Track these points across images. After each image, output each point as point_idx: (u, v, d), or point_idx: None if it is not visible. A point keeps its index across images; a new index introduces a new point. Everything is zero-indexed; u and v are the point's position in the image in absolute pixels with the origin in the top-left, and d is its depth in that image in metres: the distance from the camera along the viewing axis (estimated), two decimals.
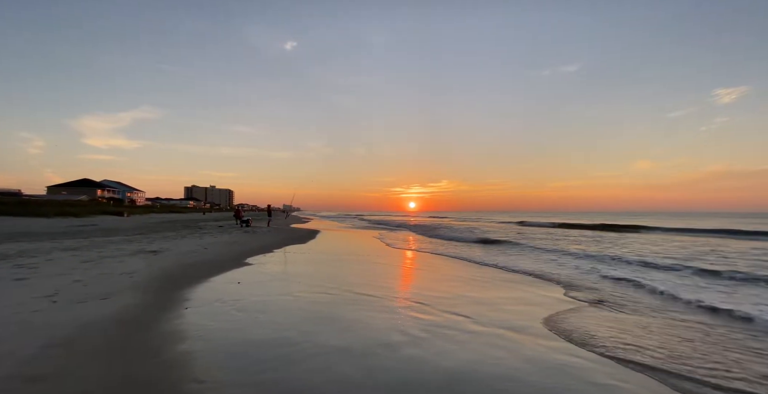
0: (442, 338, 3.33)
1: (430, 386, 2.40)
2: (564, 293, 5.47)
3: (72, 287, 4.83)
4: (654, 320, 4.11)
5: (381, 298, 4.86)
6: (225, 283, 5.61)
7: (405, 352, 2.96)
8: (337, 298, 4.82)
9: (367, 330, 3.50)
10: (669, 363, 2.83)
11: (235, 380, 2.40)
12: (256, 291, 5.10)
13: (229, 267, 7.04)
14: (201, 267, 6.90)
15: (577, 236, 17.57)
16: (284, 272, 6.95)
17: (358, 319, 3.88)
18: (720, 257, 9.40)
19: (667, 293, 5.32)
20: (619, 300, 5.01)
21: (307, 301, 4.64)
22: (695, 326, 3.87)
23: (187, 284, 5.38)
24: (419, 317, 3.98)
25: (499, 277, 6.81)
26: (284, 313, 4.06)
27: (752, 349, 3.21)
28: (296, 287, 5.47)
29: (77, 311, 3.82)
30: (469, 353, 2.98)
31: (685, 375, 2.63)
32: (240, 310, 4.10)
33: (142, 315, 3.79)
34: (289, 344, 3.07)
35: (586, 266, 7.97)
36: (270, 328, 3.50)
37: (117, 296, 4.48)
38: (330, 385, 2.37)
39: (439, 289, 5.61)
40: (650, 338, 3.43)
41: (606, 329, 3.71)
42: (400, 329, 3.56)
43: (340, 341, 3.18)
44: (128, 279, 5.46)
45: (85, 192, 59.31)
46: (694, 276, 6.85)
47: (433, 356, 2.89)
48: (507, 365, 2.75)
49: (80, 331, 3.22)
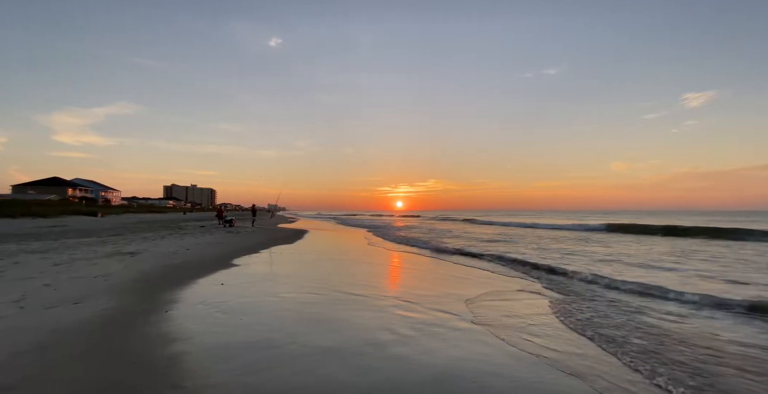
0: (430, 336, 3.37)
1: (418, 384, 2.43)
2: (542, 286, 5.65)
3: (41, 291, 4.58)
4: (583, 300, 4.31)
5: (368, 297, 4.87)
6: (208, 285, 5.46)
7: (393, 350, 2.98)
8: (325, 298, 4.79)
9: (355, 330, 3.50)
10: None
11: (218, 384, 2.34)
12: (241, 293, 4.99)
13: (212, 268, 6.85)
14: (182, 269, 6.68)
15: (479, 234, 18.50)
16: (270, 273, 6.83)
17: (346, 318, 3.87)
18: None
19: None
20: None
21: (294, 302, 4.58)
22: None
23: (167, 287, 5.20)
24: (407, 316, 4.02)
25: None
26: (270, 314, 3.99)
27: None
28: (283, 287, 5.40)
29: (48, 316, 3.62)
30: (456, 350, 3.04)
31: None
32: (224, 312, 4.00)
33: (119, 320, 3.63)
34: (275, 345, 3.03)
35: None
36: (255, 330, 3.44)
37: (91, 300, 4.28)
38: (318, 386, 2.35)
39: (425, 287, 5.68)
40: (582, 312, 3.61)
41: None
42: (388, 327, 3.58)
43: (327, 341, 3.16)
44: (103, 282, 5.22)
45: (54, 191, 56.10)
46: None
47: (420, 354, 2.92)
48: (493, 362, 2.82)
49: (52, 337, 3.06)
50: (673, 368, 2.73)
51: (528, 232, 20.36)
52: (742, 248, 11.46)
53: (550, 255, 9.65)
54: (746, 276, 6.56)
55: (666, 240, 14.88)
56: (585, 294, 5.31)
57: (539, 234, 18.48)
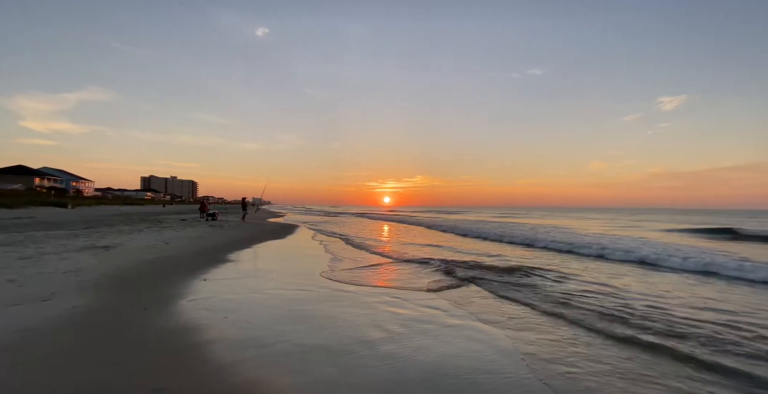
0: (421, 332, 3.35)
1: (410, 382, 2.39)
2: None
3: (5, 287, 4.25)
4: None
5: (357, 293, 4.81)
6: (190, 280, 5.23)
7: (384, 348, 2.93)
8: (313, 294, 4.69)
9: (344, 327, 3.43)
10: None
11: (202, 384, 2.22)
12: (225, 289, 4.81)
13: (194, 263, 6.59)
14: (162, 264, 6.39)
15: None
16: (256, 269, 6.64)
17: (335, 315, 3.80)
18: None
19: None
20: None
21: (281, 298, 4.46)
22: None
23: (145, 283, 4.95)
24: (397, 312, 3.98)
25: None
26: (257, 312, 3.86)
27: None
28: (269, 283, 5.25)
29: (12, 314, 3.36)
30: (447, 346, 3.02)
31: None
32: (208, 309, 3.84)
33: (92, 318, 3.41)
34: (263, 344, 2.92)
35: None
36: (242, 328, 3.31)
37: (61, 296, 4.01)
38: (308, 386, 2.28)
39: (415, 281, 5.66)
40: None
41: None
42: (377, 324, 3.53)
43: (317, 339, 3.08)
44: (74, 278, 4.91)
45: (19, 180, 52.55)
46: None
47: (411, 352, 2.89)
48: (484, 358, 2.82)
49: (18, 337, 2.84)
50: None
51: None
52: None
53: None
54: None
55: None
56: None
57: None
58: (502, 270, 6.58)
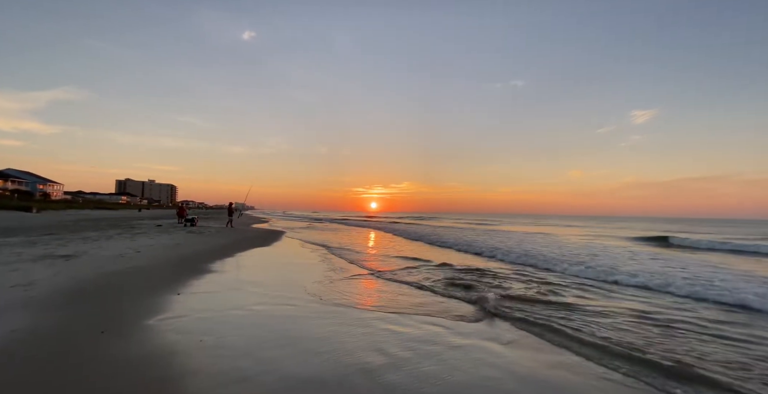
0: (425, 356, 2.97)
1: None
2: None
3: None
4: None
5: (350, 308, 4.38)
6: (161, 295, 4.65)
7: (386, 378, 2.54)
8: (301, 310, 4.23)
9: (338, 352, 3.00)
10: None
11: None
12: (201, 305, 4.27)
13: (167, 275, 5.96)
14: (130, 275, 5.74)
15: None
16: (237, 280, 6.07)
17: (327, 337, 3.36)
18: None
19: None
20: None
21: (265, 315, 3.98)
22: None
23: (107, 298, 4.34)
24: (396, 331, 3.59)
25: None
26: (237, 333, 3.37)
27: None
28: (252, 298, 4.73)
29: None
30: (456, 373, 2.66)
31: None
32: (179, 332, 3.32)
33: (32, 345, 2.84)
34: (244, 377, 2.46)
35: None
36: (219, 355, 2.82)
37: (1, 316, 3.38)
38: None
39: (412, 294, 5.28)
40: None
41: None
42: (376, 347, 3.13)
43: (307, 368, 2.65)
44: (22, 293, 4.25)
45: None
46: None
47: (417, 382, 2.51)
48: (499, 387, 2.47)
49: None
50: None
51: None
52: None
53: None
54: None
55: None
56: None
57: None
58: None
